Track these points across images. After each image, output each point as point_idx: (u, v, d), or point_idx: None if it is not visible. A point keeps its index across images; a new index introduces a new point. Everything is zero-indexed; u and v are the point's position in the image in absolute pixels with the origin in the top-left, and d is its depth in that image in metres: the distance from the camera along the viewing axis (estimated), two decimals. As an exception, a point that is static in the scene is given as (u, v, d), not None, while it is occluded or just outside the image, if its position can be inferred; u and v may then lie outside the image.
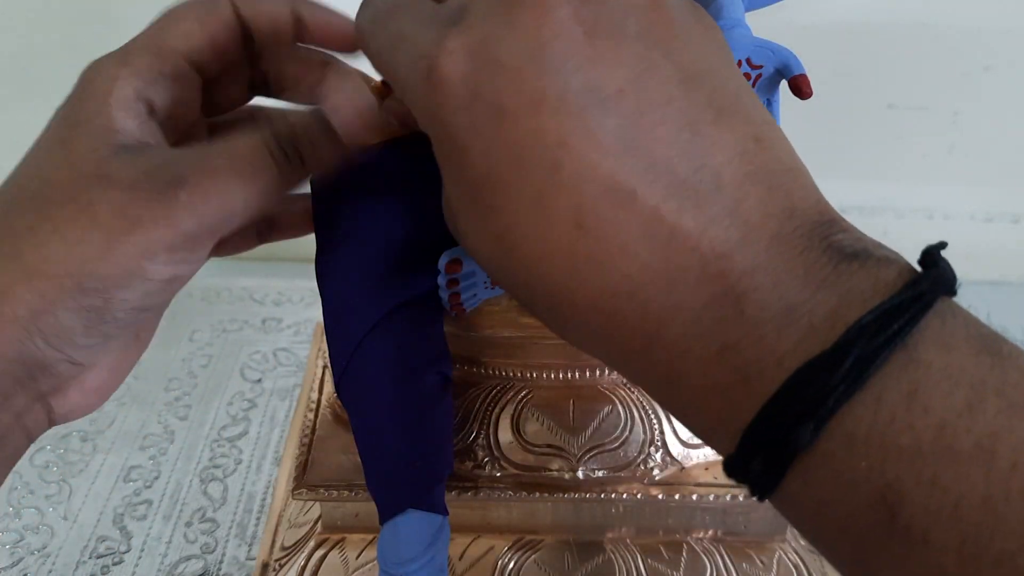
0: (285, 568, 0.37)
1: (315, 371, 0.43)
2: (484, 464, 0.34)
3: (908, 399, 0.16)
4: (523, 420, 0.35)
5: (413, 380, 0.28)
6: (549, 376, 0.35)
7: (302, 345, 0.59)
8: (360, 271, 0.29)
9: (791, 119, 0.33)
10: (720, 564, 0.36)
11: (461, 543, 0.37)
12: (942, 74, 0.64)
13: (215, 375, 0.56)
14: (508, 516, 0.37)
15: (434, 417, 0.29)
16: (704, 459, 0.36)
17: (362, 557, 0.36)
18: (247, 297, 0.64)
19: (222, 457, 0.49)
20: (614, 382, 0.35)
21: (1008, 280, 0.73)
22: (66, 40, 0.60)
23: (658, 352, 0.19)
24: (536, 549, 0.37)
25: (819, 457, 0.17)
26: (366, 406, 0.28)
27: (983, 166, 0.68)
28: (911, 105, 0.66)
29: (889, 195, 0.69)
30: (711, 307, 0.18)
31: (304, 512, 0.40)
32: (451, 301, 0.30)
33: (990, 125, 0.66)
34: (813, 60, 0.30)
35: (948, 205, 0.70)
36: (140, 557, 0.43)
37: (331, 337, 0.29)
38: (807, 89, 0.27)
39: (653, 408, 0.35)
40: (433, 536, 0.28)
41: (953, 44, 0.63)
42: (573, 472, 0.34)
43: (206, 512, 0.46)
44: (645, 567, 0.36)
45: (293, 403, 0.53)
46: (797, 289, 0.17)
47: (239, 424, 0.52)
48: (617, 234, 0.18)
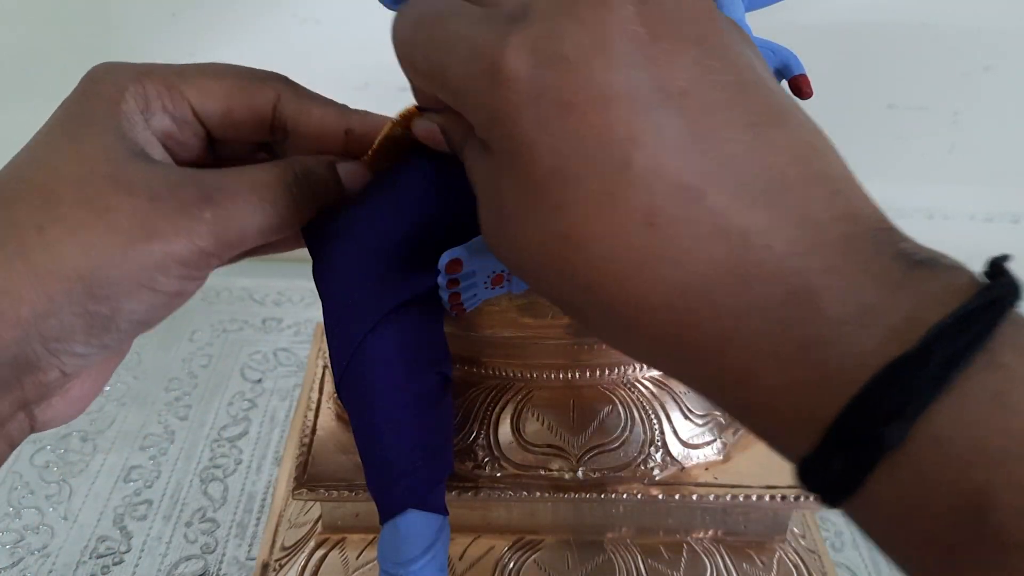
0: (285, 568, 0.37)
1: (315, 371, 0.43)
2: (484, 464, 0.34)
3: (994, 401, 0.16)
4: (523, 420, 0.35)
5: (413, 380, 0.28)
6: (549, 376, 0.35)
7: (302, 345, 0.59)
8: (360, 271, 0.29)
9: (791, 119, 0.33)
10: (720, 564, 0.36)
11: (461, 543, 0.37)
12: (942, 74, 0.64)
13: (215, 375, 0.56)
14: (508, 516, 0.37)
15: (434, 417, 0.29)
16: (704, 459, 0.36)
17: (362, 557, 0.36)
18: (247, 297, 0.64)
19: (222, 457, 0.49)
20: (614, 382, 0.35)
21: (1008, 280, 0.73)
22: (66, 41, 0.60)
23: (732, 352, 0.19)
24: (536, 549, 0.37)
25: (905, 458, 0.16)
26: (366, 406, 0.28)
27: (983, 166, 0.68)
28: (911, 105, 0.66)
29: (889, 195, 0.69)
30: (788, 305, 0.18)
31: (304, 512, 0.40)
32: (451, 301, 0.30)
33: (990, 125, 0.66)
34: (813, 60, 0.30)
35: (948, 205, 0.70)
36: (140, 557, 0.43)
37: (331, 337, 0.29)
38: (807, 89, 0.27)
39: (653, 408, 0.35)
40: (433, 536, 0.28)
41: (953, 44, 0.63)
42: (573, 472, 0.34)
43: (206, 512, 0.46)
44: (645, 567, 0.36)
45: (293, 403, 0.53)
46: (873, 291, 0.17)
47: (239, 424, 0.52)
48: (689, 232, 0.18)
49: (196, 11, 0.61)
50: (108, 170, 0.24)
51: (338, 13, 0.61)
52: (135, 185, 0.24)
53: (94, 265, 0.23)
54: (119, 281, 0.24)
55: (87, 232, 0.23)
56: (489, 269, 0.30)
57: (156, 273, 0.24)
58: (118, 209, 0.23)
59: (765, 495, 0.35)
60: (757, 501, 0.35)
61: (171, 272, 0.24)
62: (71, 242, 0.23)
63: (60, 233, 0.23)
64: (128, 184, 0.24)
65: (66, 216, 0.23)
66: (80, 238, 0.23)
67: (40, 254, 0.23)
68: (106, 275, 0.23)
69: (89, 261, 0.23)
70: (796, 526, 0.40)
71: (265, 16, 0.62)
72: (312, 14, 0.62)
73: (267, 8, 0.61)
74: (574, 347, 0.34)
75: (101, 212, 0.23)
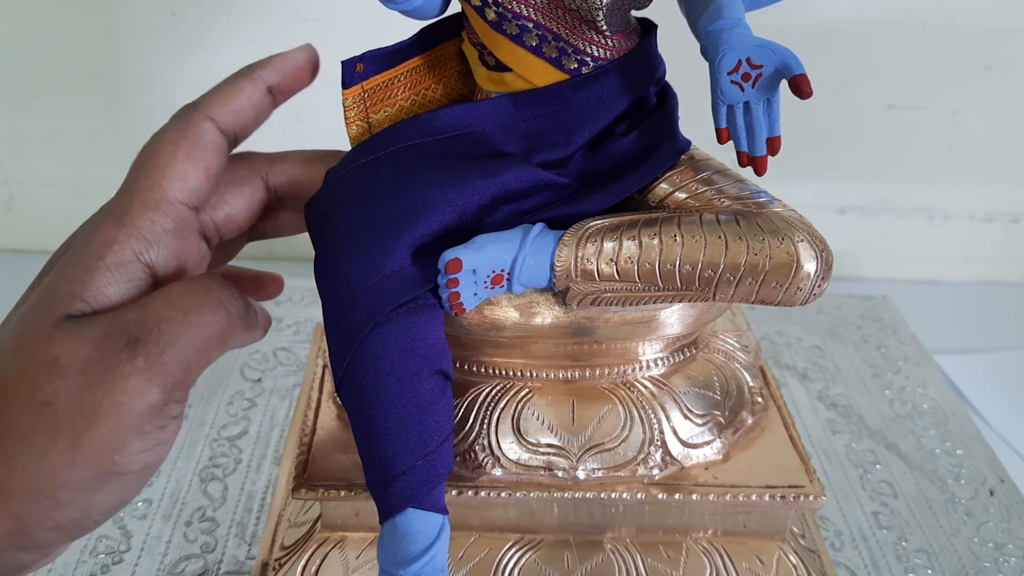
0: (285, 568, 0.37)
1: (315, 370, 0.43)
2: (484, 464, 0.34)
3: None
4: (523, 420, 0.35)
5: (413, 380, 0.28)
6: (549, 376, 0.35)
7: (302, 344, 0.59)
8: (359, 271, 0.29)
9: (791, 119, 0.33)
10: (720, 564, 0.36)
11: (461, 543, 0.37)
12: (942, 74, 0.64)
13: (215, 375, 0.56)
14: (508, 516, 0.37)
15: (434, 417, 0.29)
16: (704, 459, 0.36)
17: (362, 557, 0.36)
18: (247, 297, 0.64)
19: (222, 456, 0.49)
20: (614, 382, 0.35)
21: (1008, 280, 0.73)
22: (66, 41, 0.60)
23: None
24: (536, 549, 0.37)
25: None
26: (366, 406, 0.28)
27: (983, 166, 0.68)
28: (911, 105, 0.66)
29: (889, 195, 0.69)
30: None
31: (304, 512, 0.40)
32: (451, 301, 0.30)
33: (990, 125, 0.66)
34: (813, 60, 0.30)
35: (948, 205, 0.70)
36: (140, 556, 0.43)
37: (331, 337, 0.29)
38: (807, 89, 0.27)
39: (653, 408, 0.35)
40: (433, 536, 0.28)
41: (953, 44, 0.63)
42: (573, 472, 0.34)
43: (206, 511, 0.46)
44: (645, 567, 0.36)
45: (293, 402, 0.53)
46: None
47: (239, 423, 0.52)
48: None
49: (196, 11, 0.61)
50: (40, 353, 0.23)
51: (338, 13, 0.61)
52: (64, 363, 0.23)
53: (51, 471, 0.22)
54: (79, 480, 0.22)
55: (35, 436, 0.22)
56: (489, 268, 0.30)
57: (114, 456, 0.23)
58: (55, 400, 0.22)
59: (765, 495, 0.35)
60: (757, 501, 0.35)
61: (130, 448, 0.23)
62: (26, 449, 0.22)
63: (14, 443, 0.22)
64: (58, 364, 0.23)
65: (15, 423, 0.22)
66: (31, 443, 0.22)
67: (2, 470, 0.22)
68: (64, 478, 0.22)
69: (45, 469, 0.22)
70: (796, 526, 0.40)
71: (265, 16, 0.62)
72: (312, 14, 0.62)
73: (267, 8, 0.61)
74: (574, 347, 0.34)
75: (41, 409, 0.22)
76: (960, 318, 0.68)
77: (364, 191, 0.30)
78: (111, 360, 0.23)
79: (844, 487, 0.49)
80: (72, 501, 0.22)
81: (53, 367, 0.23)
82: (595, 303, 0.31)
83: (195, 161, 0.28)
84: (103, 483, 0.23)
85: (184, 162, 0.28)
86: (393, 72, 0.33)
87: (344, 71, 0.32)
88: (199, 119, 0.29)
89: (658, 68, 0.34)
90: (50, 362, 0.23)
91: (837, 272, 0.31)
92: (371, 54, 0.32)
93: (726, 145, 0.30)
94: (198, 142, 0.28)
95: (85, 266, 0.25)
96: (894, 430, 0.53)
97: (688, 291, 0.30)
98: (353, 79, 0.32)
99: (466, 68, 0.34)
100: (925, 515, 0.47)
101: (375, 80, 0.32)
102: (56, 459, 0.22)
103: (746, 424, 0.37)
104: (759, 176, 0.30)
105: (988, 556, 0.44)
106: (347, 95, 0.32)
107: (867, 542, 0.45)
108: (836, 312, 0.65)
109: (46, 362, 0.23)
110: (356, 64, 0.32)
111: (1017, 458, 0.53)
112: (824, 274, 0.29)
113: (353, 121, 0.32)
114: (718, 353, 0.38)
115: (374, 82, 0.32)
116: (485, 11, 0.30)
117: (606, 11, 0.30)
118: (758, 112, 0.28)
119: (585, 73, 0.31)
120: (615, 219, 0.31)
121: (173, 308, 0.24)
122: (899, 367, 0.59)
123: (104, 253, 0.25)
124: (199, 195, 0.28)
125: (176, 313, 0.24)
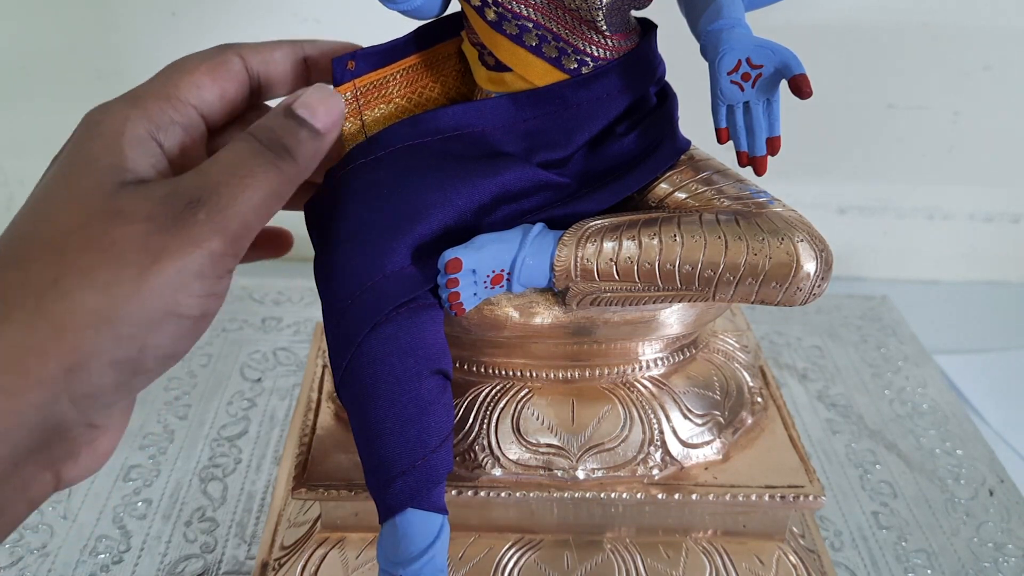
0: (285, 568, 0.37)
1: (315, 370, 0.43)
2: (484, 464, 0.34)
3: None
4: (523, 420, 0.35)
5: (413, 380, 0.28)
6: (549, 376, 0.35)
7: (302, 344, 0.59)
8: (359, 271, 0.29)
9: (791, 119, 0.33)
10: (720, 564, 0.36)
11: (461, 543, 0.37)
12: (942, 74, 0.64)
13: (215, 374, 0.56)
14: (508, 516, 0.37)
15: (434, 417, 0.29)
16: (703, 459, 0.36)
17: (362, 557, 0.36)
18: (247, 296, 0.64)
19: (222, 456, 0.49)
20: (614, 382, 0.35)
21: (1008, 280, 0.73)
22: (66, 40, 0.60)
23: None
24: (536, 549, 0.37)
25: None
26: (366, 406, 0.28)
27: (983, 166, 0.68)
28: (911, 105, 0.66)
29: (889, 195, 0.69)
30: None
31: (304, 512, 0.40)
32: (451, 301, 0.30)
33: (990, 125, 0.66)
34: (813, 60, 0.30)
35: (948, 205, 0.70)
36: (140, 556, 0.43)
37: (331, 337, 0.29)
38: (807, 89, 0.27)
39: (652, 408, 0.35)
40: (433, 536, 0.28)
41: (953, 44, 0.63)
42: (573, 472, 0.34)
43: (206, 511, 0.46)
44: (645, 567, 0.36)
45: (292, 402, 0.53)
46: None
47: (239, 423, 0.52)
48: None
49: (196, 10, 0.61)
50: (104, 207, 0.24)
51: (338, 13, 0.61)
52: (130, 213, 0.24)
53: (114, 304, 0.23)
54: (142, 314, 0.23)
55: (99, 272, 0.23)
56: (488, 268, 0.30)
57: (177, 295, 0.24)
58: (121, 241, 0.23)
59: (764, 495, 0.35)
60: (756, 501, 0.35)
61: (191, 289, 0.24)
62: (87, 286, 0.23)
63: (74, 280, 0.23)
64: (124, 214, 0.24)
65: (76, 262, 0.23)
66: (95, 280, 0.23)
67: (59, 305, 0.22)
68: (127, 311, 0.23)
69: (109, 301, 0.23)
70: (795, 526, 0.40)
71: (265, 16, 0.62)
72: (312, 14, 0.62)
73: (267, 8, 0.61)
74: (574, 347, 0.34)
75: (107, 248, 0.23)
76: (960, 318, 0.68)
77: (364, 191, 0.30)
78: (175, 213, 0.24)
79: (844, 487, 0.49)
80: (132, 335, 0.23)
81: (118, 216, 0.24)
82: (595, 303, 0.31)
83: (214, 78, 0.29)
84: (163, 322, 0.24)
85: (203, 75, 0.29)
86: (388, 70, 0.33)
87: (335, 69, 0.32)
88: (230, 53, 0.30)
89: (658, 68, 0.34)
90: (115, 212, 0.24)
91: (837, 272, 0.31)
92: (363, 52, 0.32)
93: (726, 145, 0.30)
94: (222, 66, 0.30)
95: (107, 143, 0.26)
96: (894, 430, 0.53)
97: (688, 291, 0.30)
98: (344, 76, 0.32)
99: (464, 67, 0.34)
100: (925, 515, 0.47)
101: (368, 78, 0.32)
102: (119, 292, 0.23)
103: (746, 424, 0.37)
104: (759, 176, 0.30)
105: (988, 556, 0.44)
106: (339, 92, 0.32)
107: (867, 542, 0.45)
108: (836, 312, 0.65)
109: (112, 213, 0.24)
110: (347, 62, 0.32)
111: (1017, 458, 0.53)
112: (824, 274, 0.29)
113: (346, 118, 0.32)
114: (718, 353, 0.38)
115: (367, 80, 0.32)
116: (485, 11, 0.30)
117: (606, 11, 0.30)
118: (758, 112, 0.28)
119: (585, 73, 0.31)
120: (615, 219, 0.31)
121: (229, 172, 0.26)
122: (899, 367, 0.59)
123: (123, 129, 0.26)
124: (210, 107, 0.29)
125: (232, 177, 0.26)
